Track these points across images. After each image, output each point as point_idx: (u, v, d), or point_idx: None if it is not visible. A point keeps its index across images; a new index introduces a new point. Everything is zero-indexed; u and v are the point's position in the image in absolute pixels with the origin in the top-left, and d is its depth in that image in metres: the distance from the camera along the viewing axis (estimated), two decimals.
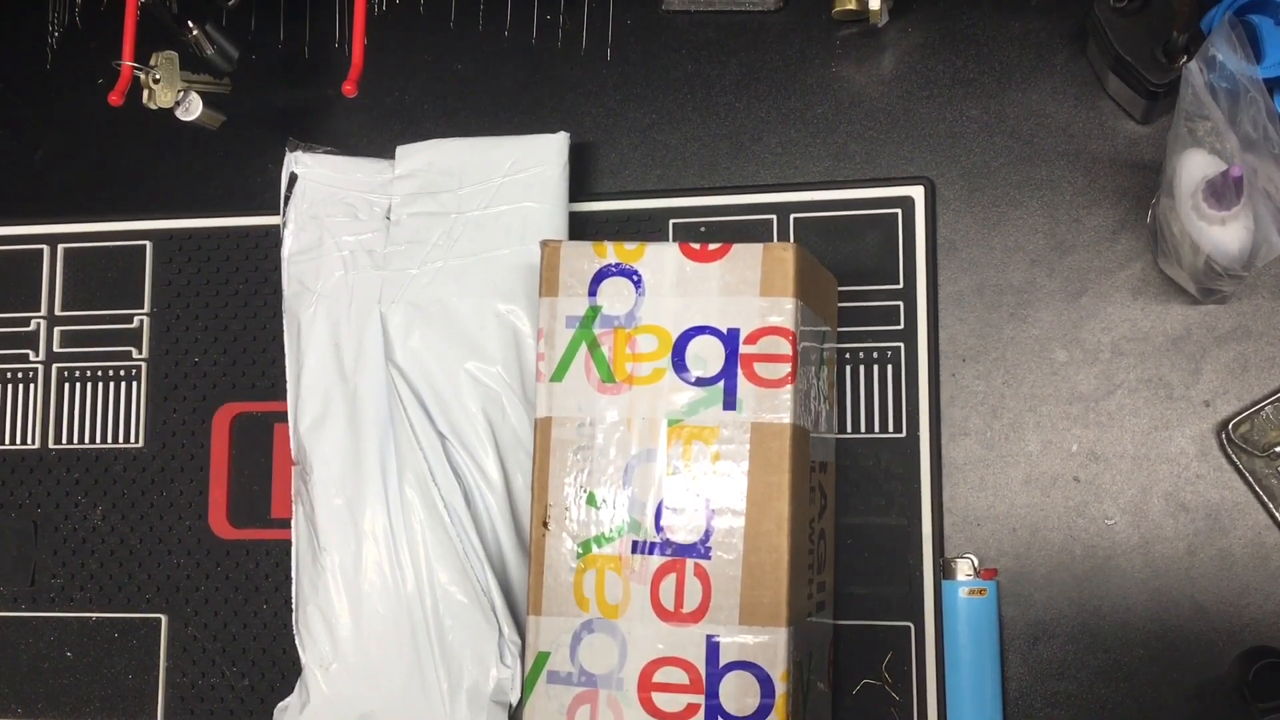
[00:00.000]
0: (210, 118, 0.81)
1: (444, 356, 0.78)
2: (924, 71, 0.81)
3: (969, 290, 0.78)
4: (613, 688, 0.66)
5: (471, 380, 0.77)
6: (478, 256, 0.78)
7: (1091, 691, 0.74)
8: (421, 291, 0.79)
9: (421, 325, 0.78)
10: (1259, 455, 0.73)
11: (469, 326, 0.78)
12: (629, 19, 0.85)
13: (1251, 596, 0.73)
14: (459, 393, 0.77)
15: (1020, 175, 0.79)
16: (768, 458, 0.66)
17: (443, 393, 0.77)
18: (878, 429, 0.78)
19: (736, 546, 0.65)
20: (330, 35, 0.89)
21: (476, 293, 0.78)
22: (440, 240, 0.79)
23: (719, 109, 0.83)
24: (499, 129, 0.84)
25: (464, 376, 0.77)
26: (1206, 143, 0.68)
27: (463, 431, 0.77)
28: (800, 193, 0.81)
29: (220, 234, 0.87)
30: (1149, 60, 0.72)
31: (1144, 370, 0.76)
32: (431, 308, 0.78)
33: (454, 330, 0.78)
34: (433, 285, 0.79)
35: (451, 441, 0.77)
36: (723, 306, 0.67)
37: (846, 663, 0.76)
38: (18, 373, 0.88)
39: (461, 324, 0.78)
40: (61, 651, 0.86)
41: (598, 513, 0.67)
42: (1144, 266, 0.77)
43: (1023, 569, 0.75)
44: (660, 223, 0.82)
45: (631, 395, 0.67)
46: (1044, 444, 0.76)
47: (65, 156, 0.91)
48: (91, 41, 0.92)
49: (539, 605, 0.68)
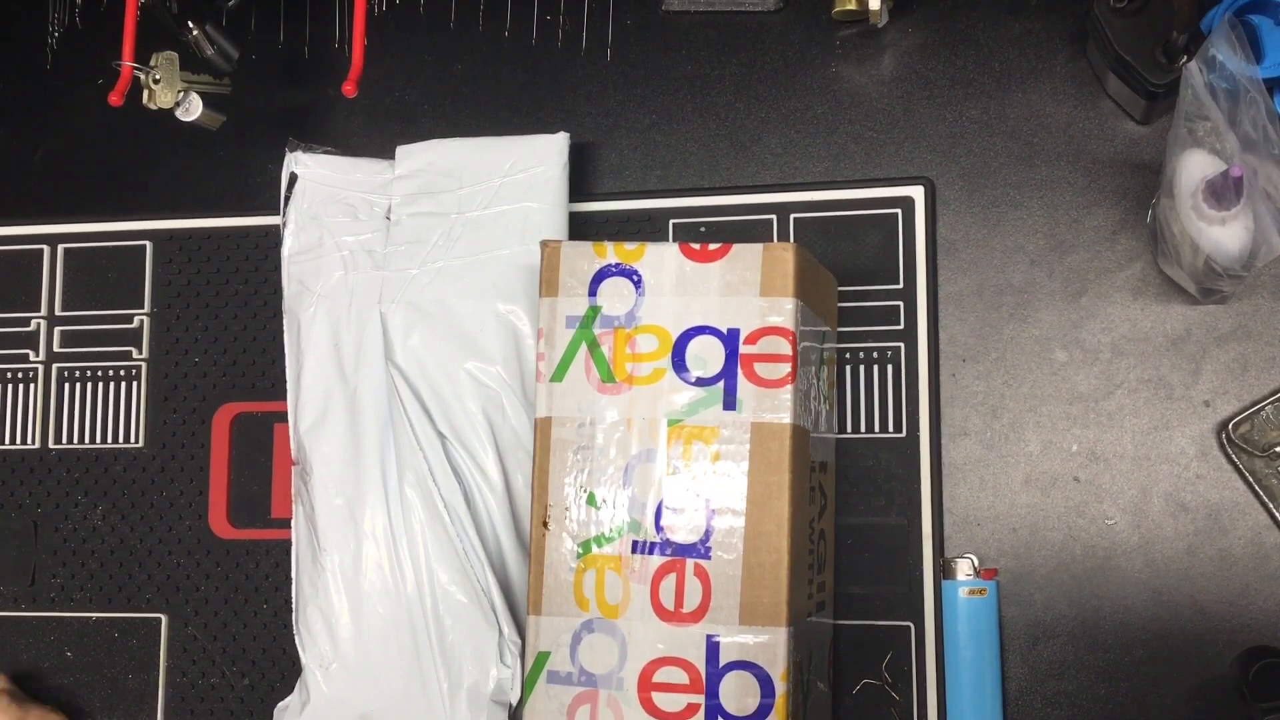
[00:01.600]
0: (210, 118, 0.81)
1: (444, 357, 0.78)
2: (924, 71, 0.81)
3: (969, 290, 0.78)
4: (613, 687, 0.66)
5: (471, 380, 0.77)
6: (477, 257, 0.78)
7: (1091, 691, 0.74)
8: (421, 292, 0.79)
9: (421, 325, 0.78)
10: (1259, 455, 0.73)
11: (469, 327, 0.78)
12: (629, 19, 0.85)
13: (1251, 596, 0.73)
14: (459, 392, 0.77)
15: (1020, 175, 0.79)
16: (768, 458, 0.66)
17: (443, 392, 0.77)
18: (878, 429, 0.78)
19: (736, 546, 0.65)
20: (330, 35, 0.89)
21: (476, 293, 0.78)
22: (440, 241, 0.79)
23: (719, 109, 0.83)
24: (499, 129, 0.84)
25: (464, 376, 0.77)
26: (1206, 143, 0.68)
27: (462, 431, 0.77)
28: (800, 193, 0.81)
29: (220, 234, 0.87)
30: (1149, 60, 0.72)
31: (1144, 370, 0.76)
32: (431, 308, 0.78)
33: (454, 330, 0.78)
34: (432, 286, 0.79)
35: (451, 441, 0.77)
36: (723, 306, 0.67)
37: (846, 663, 0.76)
38: (18, 373, 0.88)
39: (461, 324, 0.78)
40: (61, 651, 0.86)
41: (598, 513, 0.67)
42: (1144, 266, 0.77)
43: (1023, 569, 0.75)
44: (660, 223, 0.82)
45: (631, 395, 0.67)
46: (1044, 444, 0.76)
47: (65, 156, 0.91)
48: (91, 41, 0.92)
49: (539, 605, 0.68)
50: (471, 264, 0.78)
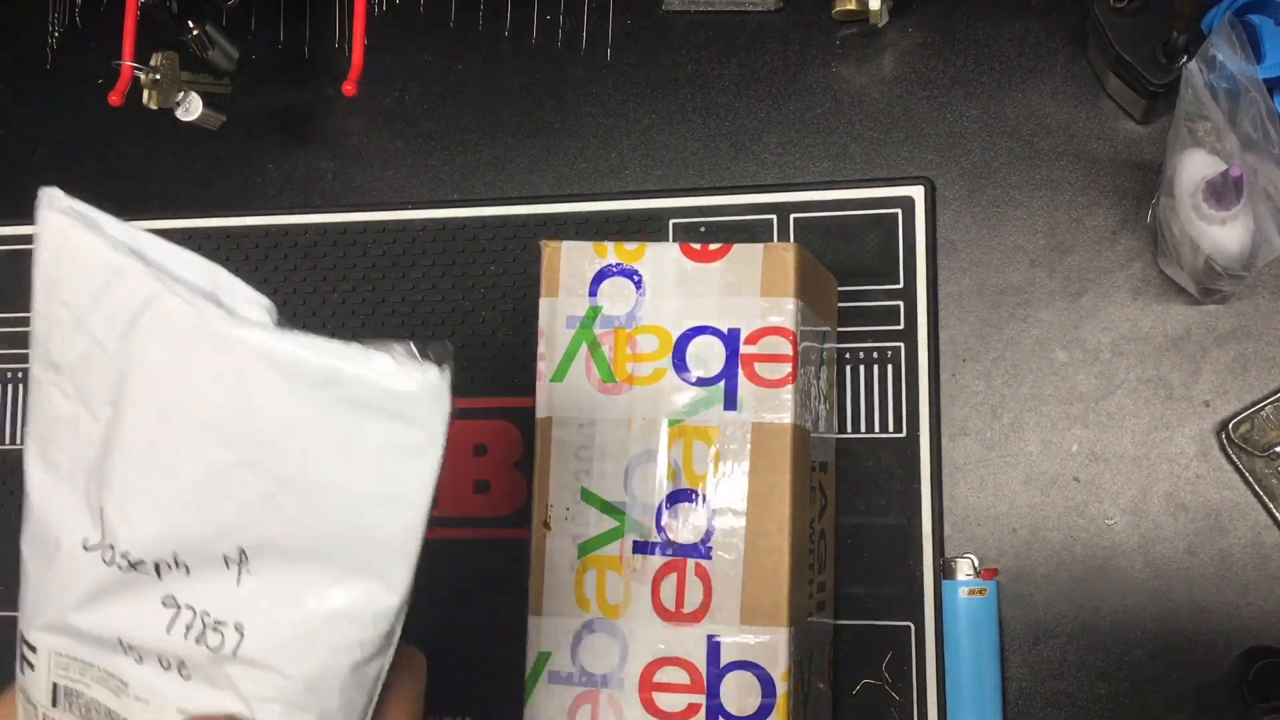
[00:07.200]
0: (210, 118, 0.81)
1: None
2: (924, 71, 0.81)
3: (969, 290, 0.78)
4: (613, 688, 0.66)
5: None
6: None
7: (1091, 691, 0.74)
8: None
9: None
10: (1259, 455, 0.73)
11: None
12: (629, 19, 0.85)
13: (1251, 596, 0.73)
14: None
15: (1020, 175, 0.79)
16: (768, 458, 0.66)
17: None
18: (878, 429, 0.78)
19: (737, 547, 0.65)
20: (330, 35, 0.89)
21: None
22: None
23: (719, 109, 0.83)
24: (499, 129, 0.84)
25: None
26: (1206, 143, 0.68)
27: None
28: (800, 193, 0.81)
29: (220, 234, 0.87)
30: (1149, 60, 0.72)
31: (1144, 370, 0.76)
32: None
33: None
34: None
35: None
36: (723, 306, 0.67)
37: (846, 663, 0.76)
38: (18, 373, 0.88)
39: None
40: None
41: (598, 513, 0.67)
42: (1144, 266, 0.77)
43: (1023, 569, 0.75)
44: (660, 223, 0.82)
45: (632, 395, 0.67)
46: (1044, 444, 0.76)
47: (65, 156, 0.91)
48: (91, 41, 0.92)
49: (539, 605, 0.68)
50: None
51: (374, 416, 0.42)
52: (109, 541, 0.44)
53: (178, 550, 0.44)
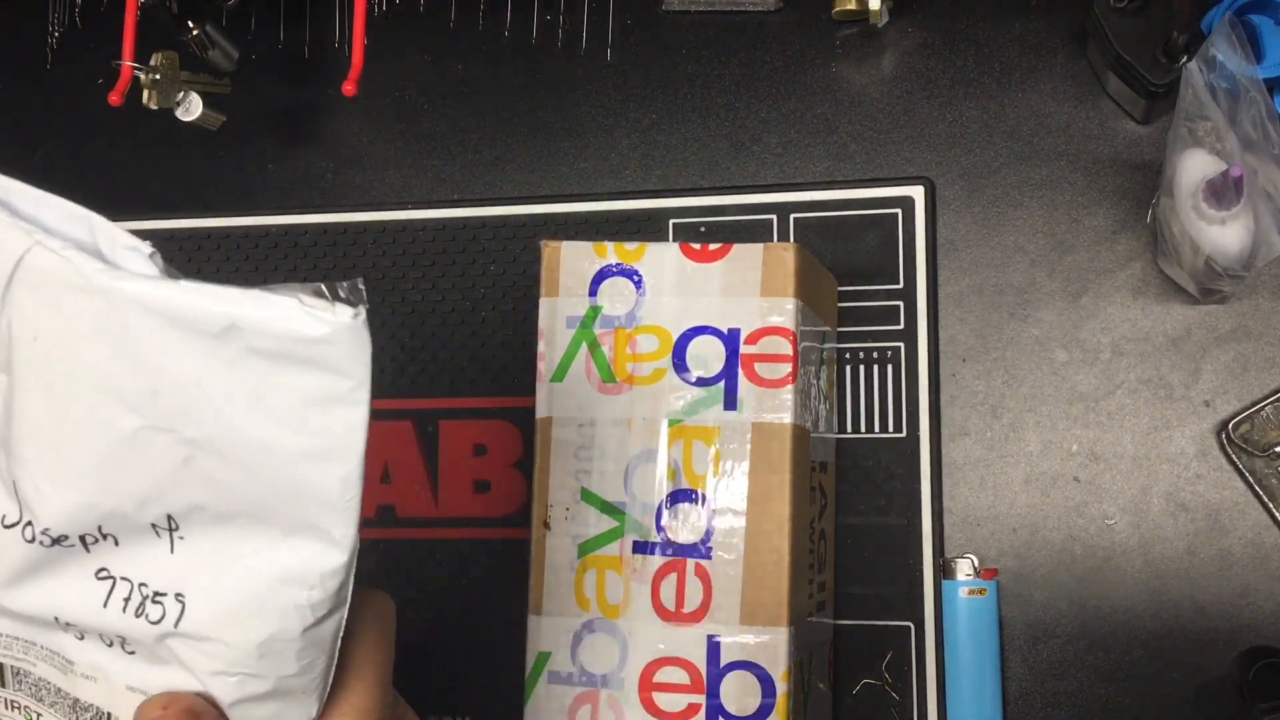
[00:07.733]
0: (210, 118, 0.81)
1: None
2: (924, 71, 0.81)
3: (969, 290, 0.78)
4: (613, 688, 0.66)
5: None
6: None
7: (1091, 691, 0.74)
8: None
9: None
10: (1259, 455, 0.73)
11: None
12: (629, 19, 0.85)
13: (1251, 596, 0.73)
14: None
15: (1020, 175, 0.79)
16: (768, 458, 0.66)
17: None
18: (878, 429, 0.78)
19: (737, 547, 0.65)
20: (330, 35, 0.89)
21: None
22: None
23: (719, 109, 0.83)
24: (499, 129, 0.84)
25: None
26: (1206, 143, 0.68)
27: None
28: (800, 193, 0.81)
29: (220, 234, 0.87)
30: (1149, 60, 0.72)
31: (1144, 370, 0.76)
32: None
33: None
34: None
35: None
36: (723, 306, 0.67)
37: (846, 663, 0.76)
38: None
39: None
40: None
41: (598, 513, 0.67)
42: (1144, 266, 0.77)
43: (1023, 569, 0.75)
44: (660, 223, 0.82)
45: (632, 395, 0.67)
46: (1044, 444, 0.76)
47: (65, 156, 0.91)
48: (91, 41, 0.92)
49: (539, 605, 0.68)
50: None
51: (286, 366, 0.38)
52: (27, 518, 0.42)
53: (100, 522, 0.41)
